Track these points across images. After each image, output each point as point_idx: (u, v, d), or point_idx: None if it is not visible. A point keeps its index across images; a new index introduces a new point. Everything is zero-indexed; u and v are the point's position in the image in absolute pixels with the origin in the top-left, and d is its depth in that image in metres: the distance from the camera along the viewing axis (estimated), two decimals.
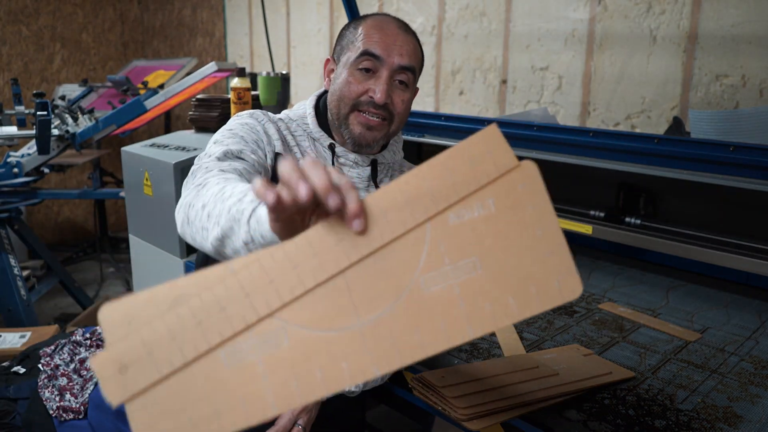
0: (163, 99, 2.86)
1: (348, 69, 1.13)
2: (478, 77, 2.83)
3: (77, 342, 1.81)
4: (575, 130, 1.69)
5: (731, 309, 1.60)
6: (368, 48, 1.10)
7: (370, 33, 1.12)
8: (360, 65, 1.11)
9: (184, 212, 0.88)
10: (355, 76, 1.12)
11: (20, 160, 2.86)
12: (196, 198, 0.85)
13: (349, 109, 1.14)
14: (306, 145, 1.17)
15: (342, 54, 1.16)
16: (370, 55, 1.11)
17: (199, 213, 0.83)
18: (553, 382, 1.14)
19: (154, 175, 1.82)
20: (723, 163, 1.40)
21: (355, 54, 1.12)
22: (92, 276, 4.23)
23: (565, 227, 1.76)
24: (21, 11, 4.53)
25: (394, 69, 1.12)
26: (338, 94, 1.14)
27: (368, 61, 1.11)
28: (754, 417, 1.10)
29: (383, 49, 1.11)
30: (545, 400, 1.10)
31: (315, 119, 1.19)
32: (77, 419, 1.63)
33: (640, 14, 2.25)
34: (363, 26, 1.14)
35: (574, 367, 1.22)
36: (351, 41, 1.14)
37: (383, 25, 1.13)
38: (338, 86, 1.14)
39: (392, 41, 1.12)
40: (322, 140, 1.17)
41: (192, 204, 0.85)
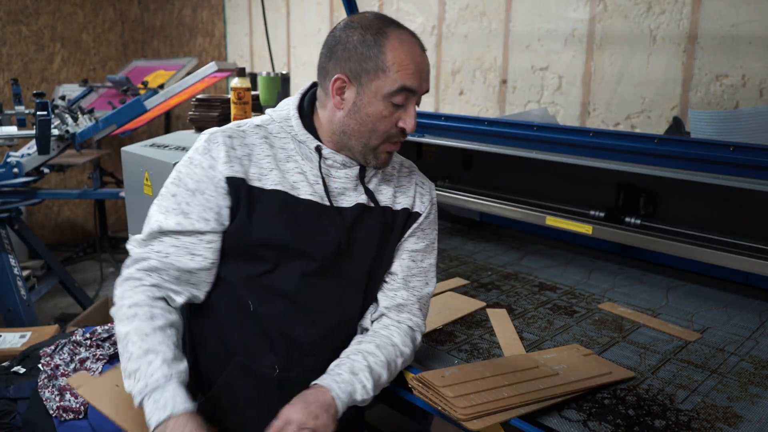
0: (163, 99, 2.86)
1: (382, 101, 1.07)
2: (478, 77, 2.83)
3: (77, 342, 1.80)
4: (575, 130, 1.69)
5: (731, 309, 1.60)
6: (406, 84, 1.06)
7: (404, 63, 1.06)
8: (395, 99, 1.07)
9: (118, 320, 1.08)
10: (389, 110, 1.08)
11: (20, 160, 2.86)
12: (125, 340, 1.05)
13: (380, 141, 1.11)
14: (290, 148, 1.14)
15: (365, 77, 1.07)
16: (408, 90, 1.07)
17: (122, 348, 1.05)
18: (553, 382, 1.14)
19: (154, 175, 1.82)
20: (723, 163, 1.40)
21: (390, 86, 1.06)
22: (92, 276, 4.23)
23: (565, 227, 1.76)
24: (21, 11, 4.53)
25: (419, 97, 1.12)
26: (371, 126, 1.09)
27: (403, 96, 1.08)
28: (754, 417, 1.10)
29: (418, 82, 1.08)
30: (545, 399, 1.10)
31: (299, 121, 1.15)
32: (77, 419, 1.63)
33: (640, 14, 2.25)
34: (391, 50, 1.06)
35: (574, 367, 1.22)
36: (379, 68, 1.06)
37: (412, 52, 1.07)
38: (371, 118, 1.09)
39: (422, 68, 1.09)
40: (308, 142, 1.13)
41: (122, 337, 1.05)
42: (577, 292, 1.71)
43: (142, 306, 1.07)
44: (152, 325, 1.05)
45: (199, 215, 1.09)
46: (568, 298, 1.67)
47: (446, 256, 2.01)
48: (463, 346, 1.35)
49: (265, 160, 1.12)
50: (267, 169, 1.11)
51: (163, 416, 0.97)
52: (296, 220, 1.11)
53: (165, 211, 1.10)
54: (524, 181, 2.16)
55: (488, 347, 1.35)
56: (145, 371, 1.00)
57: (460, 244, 2.14)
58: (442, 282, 1.75)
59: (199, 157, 1.11)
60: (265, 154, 1.12)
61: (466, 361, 1.28)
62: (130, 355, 1.03)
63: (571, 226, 1.75)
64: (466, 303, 1.59)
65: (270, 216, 1.10)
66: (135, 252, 1.12)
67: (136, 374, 1.01)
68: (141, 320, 1.05)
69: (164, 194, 1.13)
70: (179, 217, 1.09)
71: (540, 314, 1.55)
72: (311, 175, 1.13)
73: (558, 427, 1.05)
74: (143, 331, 1.04)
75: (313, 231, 1.12)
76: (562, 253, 2.05)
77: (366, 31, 1.07)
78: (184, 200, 1.10)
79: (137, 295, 1.08)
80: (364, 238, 1.16)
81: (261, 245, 1.10)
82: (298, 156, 1.14)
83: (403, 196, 1.23)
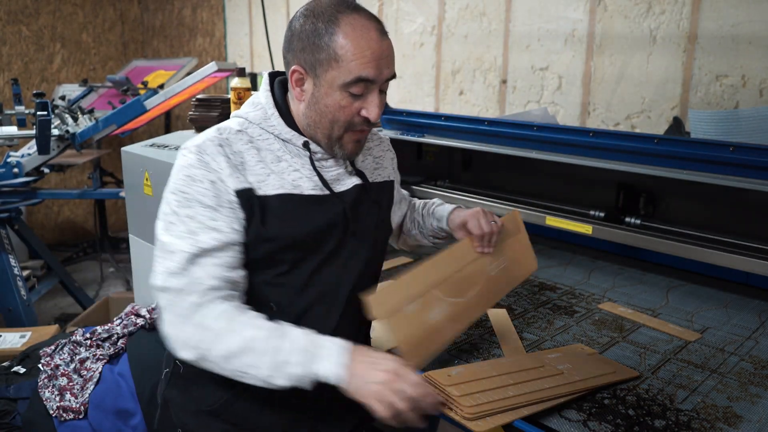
0: (163, 99, 2.86)
1: (338, 92, 1.05)
2: (478, 77, 2.83)
3: (77, 342, 1.81)
4: (575, 130, 1.69)
5: (731, 309, 1.60)
6: (361, 74, 1.03)
7: (358, 52, 1.02)
8: (352, 89, 1.04)
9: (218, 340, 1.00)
10: (347, 100, 1.05)
11: (20, 160, 2.86)
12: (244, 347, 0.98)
13: (343, 131, 1.09)
14: (276, 148, 1.11)
15: (320, 68, 1.04)
16: (364, 80, 1.04)
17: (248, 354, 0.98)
18: (557, 382, 1.14)
19: (154, 175, 1.83)
20: (723, 163, 1.40)
21: (344, 77, 1.03)
22: (92, 276, 4.23)
23: (565, 227, 1.76)
24: (21, 11, 4.53)
25: (382, 83, 1.08)
26: (330, 117, 1.07)
27: (361, 86, 1.04)
28: (754, 417, 1.10)
29: (376, 70, 1.04)
30: (550, 399, 1.10)
31: (281, 119, 1.12)
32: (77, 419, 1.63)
33: (640, 14, 2.25)
34: (343, 38, 1.02)
35: (579, 366, 1.22)
36: (331, 58, 1.03)
37: (366, 37, 1.03)
38: (329, 109, 1.07)
39: (379, 54, 1.04)
40: (294, 140, 1.11)
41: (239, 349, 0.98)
42: (577, 292, 1.71)
43: (228, 311, 1.01)
44: (250, 317, 1.01)
45: (230, 227, 1.04)
46: (568, 298, 1.67)
47: None
48: (463, 346, 1.35)
49: (258, 167, 1.09)
50: (263, 175, 1.08)
51: (342, 351, 0.97)
52: (307, 217, 1.10)
53: (190, 234, 1.02)
54: (524, 181, 2.16)
55: (488, 347, 1.35)
56: (289, 346, 0.97)
57: None
58: None
59: (202, 172, 1.04)
60: (256, 160, 1.09)
61: (466, 361, 1.28)
62: (261, 351, 0.97)
63: (571, 226, 1.75)
64: None
65: (283, 220, 1.08)
66: (175, 284, 1.01)
67: (283, 354, 0.96)
68: (250, 323, 1.00)
69: (175, 221, 1.04)
70: (212, 232, 1.03)
71: (540, 314, 1.55)
72: (305, 170, 1.12)
73: (558, 427, 1.05)
74: (257, 324, 1.00)
75: (322, 223, 1.11)
76: (562, 253, 2.05)
77: (318, 19, 1.04)
78: (208, 216, 1.04)
79: (211, 310, 1.00)
80: (364, 216, 1.18)
81: (279, 250, 1.09)
82: (287, 155, 1.11)
83: (382, 168, 1.28)
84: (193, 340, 1.00)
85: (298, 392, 1.05)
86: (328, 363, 0.96)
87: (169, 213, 1.06)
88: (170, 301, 1.01)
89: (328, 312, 1.14)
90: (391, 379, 0.95)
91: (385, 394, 0.94)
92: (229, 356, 0.98)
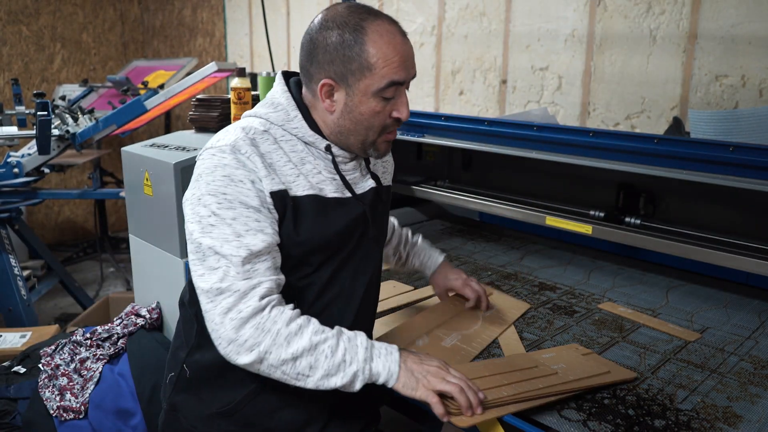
0: (163, 99, 2.86)
1: (373, 99, 1.07)
2: (478, 77, 2.83)
3: (77, 342, 1.81)
4: (575, 130, 1.69)
5: (731, 309, 1.60)
6: (394, 78, 1.06)
7: (388, 57, 1.04)
8: (385, 93, 1.07)
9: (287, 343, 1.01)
10: (381, 105, 1.08)
11: (20, 160, 2.86)
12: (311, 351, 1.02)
13: (377, 135, 1.11)
14: (300, 149, 1.11)
15: (351, 78, 1.06)
16: (397, 84, 1.07)
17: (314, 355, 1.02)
18: (551, 381, 1.14)
19: (154, 175, 1.83)
20: (723, 163, 1.40)
21: (378, 83, 1.05)
22: (92, 276, 4.23)
23: (565, 227, 1.77)
24: (21, 11, 4.53)
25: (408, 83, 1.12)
26: (366, 123, 1.09)
27: (393, 89, 1.07)
28: (754, 417, 1.10)
29: (405, 72, 1.07)
30: (541, 398, 1.10)
31: (304, 122, 1.12)
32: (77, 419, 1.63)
33: (640, 14, 2.25)
34: (372, 47, 1.04)
35: (573, 366, 1.22)
36: (365, 66, 1.04)
37: (393, 42, 1.06)
38: (365, 116, 1.08)
39: (406, 56, 1.08)
40: (318, 143, 1.12)
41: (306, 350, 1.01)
42: (577, 292, 1.71)
43: (297, 314, 1.04)
44: (314, 320, 1.05)
45: (273, 229, 1.05)
46: (568, 298, 1.67)
47: (446, 256, 2.01)
48: None
49: (287, 167, 1.09)
50: (293, 175, 1.09)
51: (394, 353, 1.05)
52: (332, 219, 1.12)
53: (237, 237, 1.01)
54: (524, 181, 2.16)
55: (488, 347, 1.35)
56: (353, 351, 1.03)
57: (460, 244, 2.14)
58: None
59: (241, 172, 1.03)
60: (285, 160, 1.09)
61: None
62: (328, 353, 1.02)
63: (571, 226, 1.75)
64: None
65: (313, 222, 1.09)
66: (237, 284, 1.00)
67: (347, 356, 1.02)
68: (309, 327, 1.03)
69: (217, 224, 1.02)
70: (260, 235, 1.03)
71: (540, 314, 1.55)
72: (326, 172, 1.13)
73: (558, 427, 1.05)
74: (316, 328, 1.04)
75: (345, 225, 1.13)
76: (562, 253, 2.05)
77: (343, 30, 1.04)
78: (252, 218, 1.03)
79: (274, 314, 1.02)
80: (379, 217, 1.23)
81: (309, 252, 1.10)
82: (310, 156, 1.12)
83: (387, 173, 1.32)
84: (251, 342, 0.99)
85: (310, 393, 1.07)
86: (384, 361, 1.03)
87: (208, 215, 1.03)
88: (230, 304, 1.00)
89: (345, 311, 1.16)
90: (441, 372, 1.05)
91: (436, 384, 1.03)
92: (292, 359, 1.00)
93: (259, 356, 1.00)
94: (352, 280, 1.17)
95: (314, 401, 1.15)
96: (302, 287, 1.12)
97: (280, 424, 1.14)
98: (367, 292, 1.20)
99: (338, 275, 1.15)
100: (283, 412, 1.14)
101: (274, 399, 1.13)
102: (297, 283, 1.11)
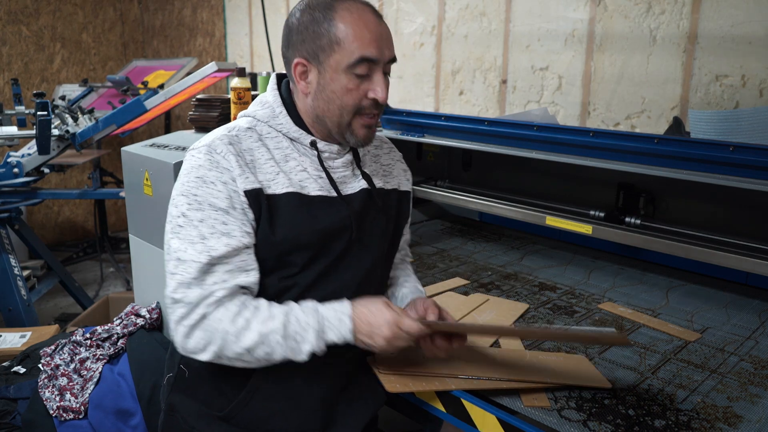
0: (163, 99, 2.86)
1: (344, 75, 1.05)
2: (478, 77, 2.83)
3: (77, 342, 1.81)
4: (575, 130, 1.69)
5: (731, 309, 1.60)
6: (364, 54, 1.04)
7: (358, 32, 1.04)
8: (357, 70, 1.05)
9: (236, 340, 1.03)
10: (354, 83, 1.06)
11: (20, 160, 2.85)
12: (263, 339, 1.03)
13: (352, 116, 1.08)
14: (285, 146, 1.11)
15: (322, 55, 1.06)
16: (368, 60, 1.05)
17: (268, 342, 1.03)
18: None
19: (154, 175, 1.82)
20: (723, 163, 1.40)
21: (348, 58, 1.04)
22: (92, 276, 4.23)
23: (565, 227, 1.76)
24: (21, 11, 4.53)
25: (385, 65, 1.09)
26: (338, 102, 1.07)
27: (365, 66, 1.05)
28: (754, 417, 1.10)
29: (378, 50, 1.05)
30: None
31: (289, 118, 1.12)
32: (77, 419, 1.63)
33: (640, 14, 2.25)
34: (341, 22, 1.04)
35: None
36: (333, 42, 1.05)
37: (364, 19, 1.06)
38: (337, 94, 1.07)
39: (378, 35, 1.06)
40: (302, 139, 1.12)
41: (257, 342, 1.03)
42: (577, 292, 1.71)
43: (242, 308, 1.04)
44: (261, 308, 1.05)
45: (241, 230, 1.05)
46: (568, 298, 1.67)
47: (446, 256, 2.01)
48: None
49: (268, 164, 1.09)
50: (273, 173, 1.08)
51: (345, 321, 1.06)
52: (314, 218, 1.10)
53: (202, 240, 1.03)
54: (524, 181, 2.16)
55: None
56: (303, 332, 1.04)
57: (460, 244, 2.14)
58: (442, 282, 1.75)
59: (214, 173, 1.05)
60: (266, 158, 1.09)
61: None
62: (280, 340, 1.03)
63: (571, 226, 1.75)
64: (464, 302, 1.59)
65: (291, 221, 1.07)
66: (190, 296, 1.02)
67: (299, 338, 1.04)
68: (257, 317, 1.04)
69: (185, 225, 1.04)
70: (224, 238, 1.03)
71: (540, 314, 1.55)
72: (312, 170, 1.12)
73: (558, 427, 1.05)
74: (263, 317, 1.04)
75: (328, 225, 1.11)
76: (562, 253, 2.05)
77: (314, 10, 1.07)
78: (219, 221, 1.04)
79: (226, 311, 1.03)
80: (371, 222, 1.18)
81: (288, 252, 1.08)
82: (294, 153, 1.12)
83: (390, 176, 1.27)
84: (203, 344, 1.03)
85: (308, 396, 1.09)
86: (337, 332, 1.05)
87: (177, 216, 1.05)
88: (182, 314, 1.03)
89: None
90: (390, 330, 1.06)
91: (391, 341, 1.06)
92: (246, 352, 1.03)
93: (215, 355, 1.03)
94: (339, 287, 1.13)
95: (311, 407, 1.14)
96: (285, 288, 1.10)
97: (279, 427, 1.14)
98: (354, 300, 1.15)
99: (324, 279, 1.12)
100: (281, 415, 1.14)
101: (272, 403, 1.13)
102: (279, 284, 1.10)
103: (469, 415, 1.11)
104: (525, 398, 1.13)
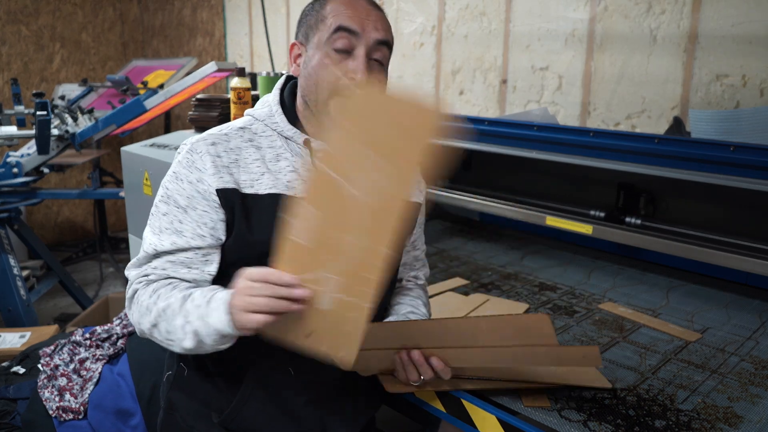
0: (163, 99, 2.86)
1: (322, 50, 1.04)
2: (478, 77, 2.83)
3: (77, 342, 1.80)
4: (575, 130, 1.69)
5: (731, 309, 1.60)
6: (342, 23, 1.02)
7: (340, 9, 1.04)
8: (335, 44, 1.02)
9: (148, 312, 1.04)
10: (331, 57, 1.03)
11: (20, 160, 2.85)
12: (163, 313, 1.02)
13: (328, 95, 1.03)
14: (279, 145, 1.10)
15: (310, 35, 1.08)
16: (344, 30, 1.02)
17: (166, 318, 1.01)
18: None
19: (153, 175, 1.82)
20: (723, 163, 1.40)
21: (327, 32, 1.03)
22: (92, 276, 4.22)
23: (565, 227, 1.76)
24: (21, 11, 4.53)
25: (370, 45, 1.04)
26: (314, 79, 1.05)
27: (344, 38, 1.02)
28: (754, 417, 1.10)
29: (358, 24, 1.03)
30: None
31: (284, 116, 1.11)
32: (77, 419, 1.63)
33: (640, 14, 2.25)
34: (329, 3, 1.06)
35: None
36: (318, 20, 1.06)
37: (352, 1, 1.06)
38: (313, 70, 1.05)
39: (365, 15, 1.04)
40: (296, 137, 1.10)
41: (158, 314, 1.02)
42: (577, 292, 1.70)
43: (155, 289, 1.05)
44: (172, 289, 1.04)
45: (193, 232, 1.06)
46: (568, 298, 1.66)
47: (446, 256, 2.01)
48: None
49: (254, 164, 1.08)
50: (258, 173, 1.07)
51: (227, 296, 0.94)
52: None
53: (158, 232, 1.07)
54: (524, 181, 2.16)
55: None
56: (190, 307, 0.98)
57: (460, 244, 2.14)
58: (442, 282, 1.74)
59: (185, 171, 1.06)
60: (253, 158, 1.08)
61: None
62: (171, 317, 1.00)
63: (571, 226, 1.75)
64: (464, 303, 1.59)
65: (270, 222, 1.05)
66: (132, 274, 1.09)
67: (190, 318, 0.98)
68: (164, 294, 1.03)
69: (155, 213, 1.09)
70: (173, 236, 1.06)
71: None
72: (304, 170, 1.10)
73: (558, 427, 1.05)
74: (168, 294, 1.03)
75: None
76: (562, 253, 2.05)
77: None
78: (176, 218, 1.06)
79: (149, 287, 1.06)
80: None
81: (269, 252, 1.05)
82: (288, 153, 1.10)
83: None
84: (137, 317, 1.06)
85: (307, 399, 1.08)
86: (217, 313, 0.94)
87: (156, 203, 1.11)
88: (126, 289, 1.10)
89: None
90: (241, 291, 0.91)
91: (244, 305, 0.90)
92: (153, 326, 1.03)
93: (139, 328, 1.07)
94: None
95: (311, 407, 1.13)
96: None
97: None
98: None
99: None
100: (279, 419, 1.13)
101: (270, 406, 1.12)
102: None
103: (469, 415, 1.11)
104: (525, 398, 1.12)
